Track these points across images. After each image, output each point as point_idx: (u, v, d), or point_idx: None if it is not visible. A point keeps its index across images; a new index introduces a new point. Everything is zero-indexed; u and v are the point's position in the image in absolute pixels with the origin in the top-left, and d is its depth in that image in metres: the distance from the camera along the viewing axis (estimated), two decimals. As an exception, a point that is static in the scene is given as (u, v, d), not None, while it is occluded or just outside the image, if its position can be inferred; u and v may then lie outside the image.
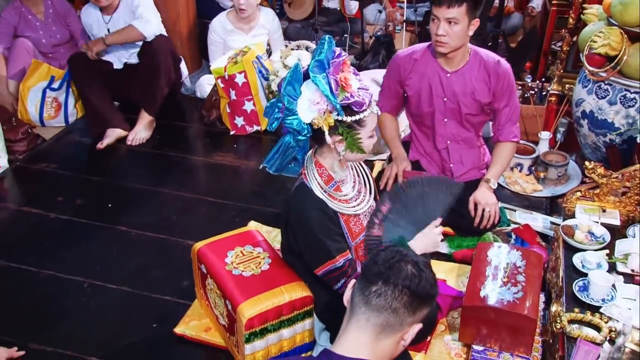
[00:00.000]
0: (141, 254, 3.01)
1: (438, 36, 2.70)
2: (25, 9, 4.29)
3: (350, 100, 2.06)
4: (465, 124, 2.97)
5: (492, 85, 2.86)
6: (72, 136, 4.09)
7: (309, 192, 2.18)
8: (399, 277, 1.48)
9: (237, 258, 2.39)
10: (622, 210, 2.65)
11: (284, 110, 2.09)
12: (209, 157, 3.89)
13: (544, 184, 3.37)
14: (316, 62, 2.03)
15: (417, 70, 2.90)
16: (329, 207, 2.18)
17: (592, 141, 3.22)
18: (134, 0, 3.98)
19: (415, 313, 1.49)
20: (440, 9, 2.65)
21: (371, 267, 1.54)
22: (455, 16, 2.65)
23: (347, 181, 2.29)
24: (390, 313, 1.47)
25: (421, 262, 1.54)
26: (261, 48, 4.12)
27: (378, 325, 1.47)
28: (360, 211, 2.29)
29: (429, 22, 2.81)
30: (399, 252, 1.55)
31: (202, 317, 2.55)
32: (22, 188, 3.62)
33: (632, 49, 2.92)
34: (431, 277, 1.54)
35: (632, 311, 2.13)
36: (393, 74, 2.99)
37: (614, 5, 2.96)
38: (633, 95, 2.97)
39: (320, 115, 2.05)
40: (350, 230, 2.27)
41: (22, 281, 2.84)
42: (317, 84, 2.02)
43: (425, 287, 1.50)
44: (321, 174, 2.20)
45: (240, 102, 3.97)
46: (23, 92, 4.13)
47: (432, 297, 1.54)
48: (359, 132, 2.13)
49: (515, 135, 2.95)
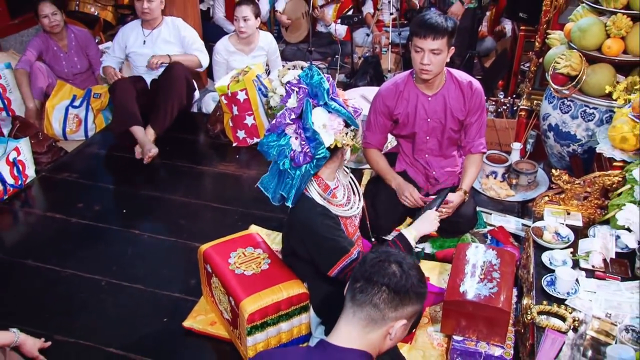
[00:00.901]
0: (153, 255, 3.00)
1: (424, 65, 2.66)
2: (52, 42, 4.32)
3: (356, 113, 2.11)
4: (444, 141, 2.92)
5: (467, 103, 2.84)
6: (91, 149, 4.08)
7: (311, 201, 2.18)
8: (380, 276, 1.49)
9: (240, 259, 2.38)
10: (584, 212, 2.66)
11: (308, 151, 2.05)
12: (213, 166, 3.88)
13: (516, 189, 3.37)
14: (327, 91, 2.05)
15: (403, 98, 2.84)
16: (330, 212, 2.19)
17: (558, 151, 3.23)
18: (185, 32, 4.18)
19: (397, 309, 1.48)
20: (425, 41, 2.60)
21: (360, 266, 1.54)
22: (438, 47, 2.62)
23: (338, 189, 2.30)
24: (372, 308, 1.47)
25: (406, 263, 1.53)
26: (260, 68, 4.13)
27: (363, 319, 1.48)
28: (353, 213, 2.31)
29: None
30: (386, 253, 1.55)
31: (208, 312, 2.55)
32: (47, 195, 3.61)
33: (590, 69, 2.95)
34: (415, 277, 1.51)
35: (593, 302, 2.14)
36: (380, 108, 2.88)
37: (574, 32, 2.98)
38: (592, 110, 2.98)
39: (340, 135, 2.08)
40: (347, 231, 2.27)
41: (47, 279, 2.83)
42: (339, 111, 2.05)
43: (405, 285, 1.48)
44: (319, 184, 2.21)
45: (242, 117, 3.97)
46: (48, 109, 4.15)
47: (414, 295, 1.51)
48: (356, 134, 2.17)
49: (484, 147, 2.92)
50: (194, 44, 4.21)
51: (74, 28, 4.46)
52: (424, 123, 2.87)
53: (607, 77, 2.90)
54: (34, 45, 4.28)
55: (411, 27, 2.70)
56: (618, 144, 2.61)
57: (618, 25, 2.81)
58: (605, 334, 2.00)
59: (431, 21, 2.60)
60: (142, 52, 4.16)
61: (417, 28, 2.62)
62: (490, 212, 3.17)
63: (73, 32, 4.40)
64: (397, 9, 5.36)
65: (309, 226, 2.17)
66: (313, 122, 2.05)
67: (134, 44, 4.17)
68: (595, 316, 2.07)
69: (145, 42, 4.15)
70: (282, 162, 2.11)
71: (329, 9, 5.47)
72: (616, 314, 2.08)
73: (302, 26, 5.50)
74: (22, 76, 4.20)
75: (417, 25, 2.63)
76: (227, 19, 5.40)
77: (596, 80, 2.91)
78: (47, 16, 4.19)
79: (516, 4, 4.00)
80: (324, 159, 2.09)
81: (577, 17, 3.07)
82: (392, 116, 2.88)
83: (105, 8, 5.09)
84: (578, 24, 2.97)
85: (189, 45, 4.20)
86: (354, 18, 5.14)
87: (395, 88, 2.85)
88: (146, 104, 4.04)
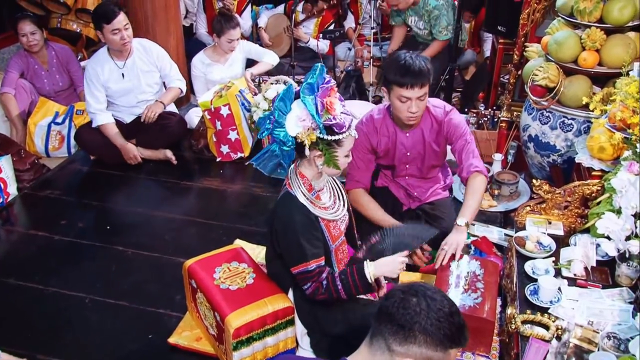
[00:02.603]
0: (137, 271, 2.97)
1: (412, 114, 2.60)
2: (32, 60, 4.30)
3: (332, 122, 2.07)
4: (424, 168, 2.89)
5: (445, 133, 2.77)
6: (74, 165, 4.05)
7: (294, 199, 2.18)
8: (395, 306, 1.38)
9: (224, 273, 2.37)
10: (565, 222, 2.68)
11: (273, 122, 2.10)
12: (197, 182, 3.87)
13: (498, 200, 3.40)
14: (307, 84, 2.06)
15: (382, 134, 2.79)
16: (311, 212, 2.19)
17: (538, 161, 3.27)
18: (160, 62, 3.94)
19: (402, 345, 1.36)
20: (413, 91, 2.52)
21: (389, 293, 1.46)
22: (425, 92, 2.56)
23: (324, 192, 2.30)
24: (380, 336, 1.39)
25: (436, 305, 1.37)
26: (243, 83, 4.15)
27: (374, 346, 1.41)
28: (337, 217, 2.30)
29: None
30: (420, 287, 1.43)
31: (194, 328, 2.53)
32: (29, 213, 3.57)
33: (567, 81, 2.99)
34: (430, 320, 1.35)
35: (575, 310, 2.15)
36: (364, 144, 2.78)
37: (550, 44, 3.03)
38: (570, 121, 3.03)
39: (305, 131, 2.07)
40: (330, 234, 2.27)
41: (30, 297, 2.80)
42: (306, 104, 2.04)
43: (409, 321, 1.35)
44: (304, 183, 2.20)
45: (225, 132, 3.97)
46: (30, 127, 4.13)
47: (422, 336, 1.35)
48: (337, 151, 2.14)
49: (475, 166, 2.72)
50: (171, 72, 4.01)
51: (55, 45, 4.44)
52: (403, 156, 2.84)
53: (584, 88, 2.94)
54: (13, 66, 4.26)
55: (390, 76, 2.57)
56: (596, 153, 2.65)
57: (592, 38, 2.86)
58: (588, 342, 2.01)
59: (414, 68, 2.50)
60: (123, 87, 3.88)
61: (401, 78, 2.52)
62: (473, 222, 3.17)
63: (54, 49, 4.38)
64: (378, 23, 5.41)
65: (288, 223, 2.17)
66: (291, 108, 2.08)
67: (109, 79, 3.83)
68: (578, 324, 2.08)
69: (123, 75, 3.84)
70: (262, 132, 2.17)
71: (310, 23, 5.50)
72: (598, 321, 2.10)
73: (284, 41, 5.53)
74: (9, 101, 4.17)
75: (400, 75, 2.52)
76: (209, 34, 5.42)
77: (573, 91, 2.96)
78: (25, 35, 4.17)
79: (495, 17, 4.06)
80: (284, 145, 2.09)
81: (553, 30, 3.12)
82: (375, 150, 2.83)
83: (87, 25, 5.07)
84: (554, 37, 3.02)
85: (167, 74, 4.01)
86: (336, 33, 5.18)
87: (373, 124, 2.79)
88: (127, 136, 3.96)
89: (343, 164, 2.20)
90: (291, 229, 2.15)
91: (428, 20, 4.55)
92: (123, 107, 3.98)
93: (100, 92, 3.82)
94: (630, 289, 2.25)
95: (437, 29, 4.52)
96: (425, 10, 4.52)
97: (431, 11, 4.49)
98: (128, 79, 3.87)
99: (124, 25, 3.69)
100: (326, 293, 2.16)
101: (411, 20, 4.69)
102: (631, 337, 1.94)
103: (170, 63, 4.02)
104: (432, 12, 4.49)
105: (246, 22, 5.50)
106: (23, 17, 4.22)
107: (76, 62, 4.54)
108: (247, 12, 5.56)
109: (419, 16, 4.61)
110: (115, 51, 3.82)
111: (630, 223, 2.23)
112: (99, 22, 3.68)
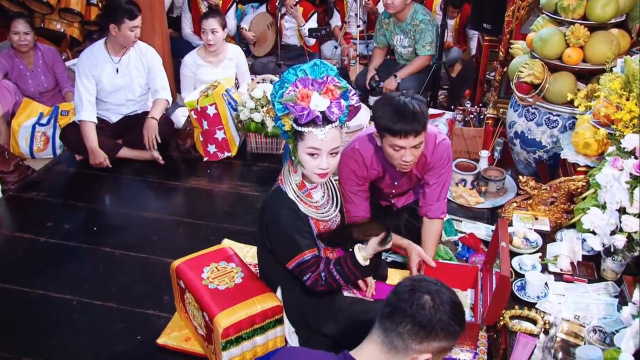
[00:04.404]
0: (125, 272, 2.96)
1: (406, 162, 2.39)
2: (17, 60, 4.27)
3: (290, 109, 2.00)
4: (407, 192, 2.85)
5: (429, 159, 2.58)
6: (59, 167, 4.02)
7: (283, 194, 2.15)
8: (409, 305, 1.42)
9: (213, 273, 2.37)
10: (551, 217, 2.71)
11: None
12: (185, 181, 3.86)
13: (485, 196, 3.42)
14: (291, 69, 2.04)
15: (372, 168, 2.60)
16: (299, 208, 2.16)
17: (524, 158, 3.30)
18: (155, 65, 3.96)
19: (422, 343, 1.41)
20: (407, 140, 2.30)
21: (393, 290, 1.48)
22: (421, 140, 2.36)
23: (317, 190, 2.26)
24: (396, 336, 1.42)
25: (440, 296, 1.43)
26: (230, 82, 4.14)
27: (386, 345, 1.44)
28: (327, 217, 2.26)
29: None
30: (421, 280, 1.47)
31: (182, 328, 2.52)
32: (14, 215, 3.54)
33: (552, 78, 3.02)
34: (446, 313, 1.41)
35: (562, 305, 2.18)
36: (354, 181, 2.60)
37: (535, 41, 3.05)
38: (555, 117, 3.05)
39: (288, 117, 2.04)
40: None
41: (15, 300, 2.77)
42: (274, 84, 2.02)
43: (431, 320, 1.40)
44: (296, 179, 2.18)
45: (212, 131, 3.97)
46: (14, 128, 4.09)
47: (442, 332, 1.41)
48: (298, 143, 2.08)
49: (443, 212, 2.66)
50: (157, 78, 3.99)
51: (42, 46, 4.42)
52: (389, 185, 2.76)
53: (569, 85, 2.97)
54: (1, 66, 4.23)
55: (382, 122, 2.34)
56: (581, 149, 2.68)
57: (576, 35, 2.89)
58: (575, 336, 2.04)
59: (407, 114, 2.27)
60: (116, 83, 3.89)
61: (393, 125, 2.29)
62: (461, 219, 3.21)
63: (40, 50, 4.36)
64: (364, 21, 5.42)
65: (276, 217, 2.14)
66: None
67: (103, 73, 3.83)
68: (565, 318, 2.11)
69: (118, 70, 3.86)
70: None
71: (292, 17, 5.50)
72: (584, 315, 2.13)
73: (269, 38, 5.53)
74: None
75: (392, 122, 2.29)
76: (195, 34, 5.41)
77: (558, 88, 2.99)
78: (18, 34, 4.18)
79: (480, 14, 4.08)
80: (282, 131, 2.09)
81: (538, 27, 3.15)
82: (368, 180, 2.66)
83: (71, 24, 5.04)
84: (539, 34, 3.05)
85: (154, 78, 3.98)
86: (322, 31, 5.19)
87: (362, 160, 2.58)
88: (114, 135, 3.97)
89: (306, 162, 2.08)
90: (280, 223, 2.13)
91: (413, 36, 4.56)
92: (111, 105, 3.97)
93: (91, 84, 3.80)
94: (615, 283, 2.28)
95: (421, 44, 4.52)
96: (412, 25, 4.51)
97: (418, 25, 4.49)
98: (122, 75, 3.89)
99: (140, 24, 3.79)
100: (326, 285, 2.13)
101: (397, 39, 4.66)
102: (616, 331, 1.96)
103: (161, 69, 4.02)
104: (418, 26, 4.49)
105: (231, 21, 5.49)
106: (19, 16, 4.24)
107: (62, 63, 4.51)
108: (231, 12, 5.56)
109: (404, 33, 4.60)
110: (114, 46, 3.82)
111: (615, 218, 2.26)
112: (122, 16, 3.67)
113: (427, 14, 4.54)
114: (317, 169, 2.09)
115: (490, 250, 2.49)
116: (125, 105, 3.99)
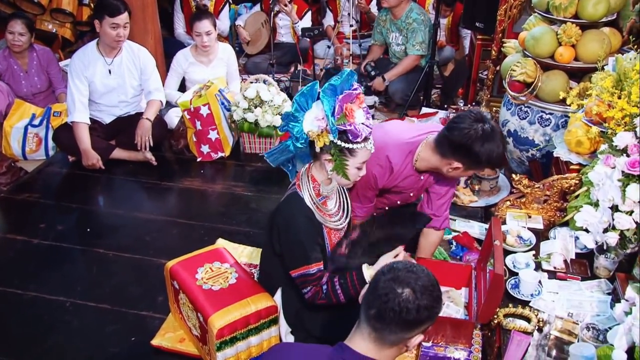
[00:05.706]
0: (118, 274, 2.95)
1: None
2: (12, 60, 4.25)
3: (347, 127, 2.02)
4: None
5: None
6: (52, 168, 4.00)
7: (300, 200, 2.15)
8: (394, 303, 1.46)
9: (207, 274, 2.36)
10: (545, 215, 2.72)
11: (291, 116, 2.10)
12: (178, 182, 3.85)
13: (479, 195, 3.43)
14: (329, 85, 2.03)
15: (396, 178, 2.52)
16: (315, 216, 2.17)
17: (517, 156, 3.31)
18: (148, 66, 3.92)
19: (413, 330, 1.50)
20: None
21: (372, 290, 1.52)
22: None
23: (332, 198, 2.26)
24: (389, 333, 1.48)
25: (419, 285, 1.49)
26: (223, 82, 4.13)
27: (379, 339, 1.50)
28: (339, 226, 2.27)
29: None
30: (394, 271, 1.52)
31: (177, 329, 2.52)
32: (7, 217, 3.52)
33: (544, 76, 3.03)
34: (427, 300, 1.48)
35: (555, 303, 2.19)
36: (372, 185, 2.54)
37: (527, 40, 3.06)
38: (548, 115, 3.07)
39: (318, 131, 2.05)
40: (331, 242, 2.25)
41: (9, 303, 2.75)
42: (323, 103, 2.02)
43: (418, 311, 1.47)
44: (314, 187, 2.18)
45: (205, 132, 3.96)
46: (6, 129, 4.07)
47: (427, 315, 1.50)
48: (348, 160, 2.10)
49: (446, 225, 2.70)
50: (150, 79, 3.95)
51: (38, 47, 4.40)
52: (406, 196, 2.68)
53: (561, 83, 2.98)
54: None
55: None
56: (574, 147, 2.69)
57: (568, 33, 2.90)
58: (568, 333, 2.04)
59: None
60: (109, 84, 3.84)
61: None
62: (455, 218, 3.20)
63: (35, 51, 4.35)
64: (357, 21, 5.43)
65: (291, 223, 2.14)
66: (311, 106, 2.07)
67: (96, 74, 3.79)
68: (558, 316, 2.12)
69: (110, 71, 3.81)
70: (283, 127, 2.16)
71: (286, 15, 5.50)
72: (577, 313, 2.14)
73: (262, 35, 5.53)
74: None
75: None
76: (187, 34, 5.39)
77: (551, 86, 3.00)
78: (13, 33, 4.17)
79: (472, 13, 4.09)
80: (298, 141, 2.09)
81: (530, 26, 3.16)
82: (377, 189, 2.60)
83: (63, 25, 5.01)
84: (531, 33, 3.06)
85: (147, 79, 3.94)
86: (315, 30, 5.18)
87: (390, 167, 2.49)
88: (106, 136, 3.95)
89: (353, 175, 2.13)
90: (294, 230, 2.13)
91: (406, 35, 4.57)
92: (104, 106, 3.94)
93: (83, 85, 3.77)
94: (608, 280, 2.29)
95: (411, 42, 4.54)
96: (406, 23, 4.53)
97: (411, 23, 4.50)
98: (114, 76, 3.85)
99: (124, 23, 3.69)
100: (326, 298, 2.14)
101: (392, 37, 4.70)
102: (609, 328, 1.97)
103: (154, 70, 3.99)
104: (411, 25, 4.50)
105: (224, 21, 5.49)
106: (17, 16, 4.23)
107: (56, 64, 4.49)
108: (224, 12, 5.54)
109: (399, 31, 4.62)
110: (105, 46, 3.78)
111: (608, 215, 2.26)
112: (102, 12, 3.66)
113: (422, 13, 4.55)
114: (357, 178, 2.18)
115: (483, 248, 2.50)
116: (118, 106, 3.97)
